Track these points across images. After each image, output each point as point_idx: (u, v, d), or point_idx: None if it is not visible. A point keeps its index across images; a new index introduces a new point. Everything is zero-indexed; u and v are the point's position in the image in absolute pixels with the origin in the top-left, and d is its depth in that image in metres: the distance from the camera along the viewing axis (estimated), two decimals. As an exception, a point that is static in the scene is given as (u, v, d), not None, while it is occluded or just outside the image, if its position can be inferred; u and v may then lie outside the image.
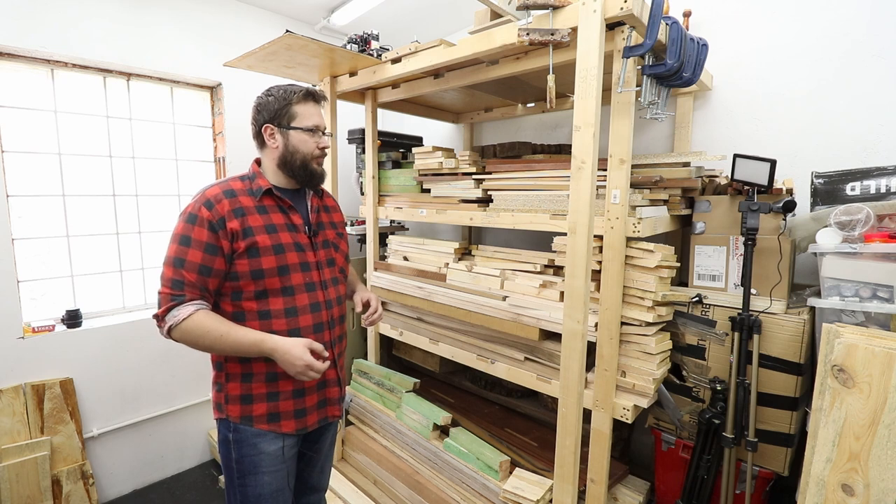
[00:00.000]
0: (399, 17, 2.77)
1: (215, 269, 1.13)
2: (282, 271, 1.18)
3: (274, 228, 1.19)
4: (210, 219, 1.12)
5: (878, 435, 0.92)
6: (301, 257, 1.23)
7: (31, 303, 2.19)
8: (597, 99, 1.27)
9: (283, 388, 1.21)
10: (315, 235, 1.29)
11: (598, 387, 1.48)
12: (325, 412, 1.31)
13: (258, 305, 1.17)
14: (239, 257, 1.14)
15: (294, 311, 1.20)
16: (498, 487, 1.69)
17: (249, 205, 1.18)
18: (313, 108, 1.26)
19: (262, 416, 1.20)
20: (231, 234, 1.13)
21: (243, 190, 1.20)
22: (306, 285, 1.23)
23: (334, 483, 2.16)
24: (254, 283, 1.16)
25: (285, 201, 1.24)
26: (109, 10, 2.20)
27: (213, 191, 1.17)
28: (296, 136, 1.23)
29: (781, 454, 1.49)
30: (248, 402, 1.20)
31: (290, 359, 1.11)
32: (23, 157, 2.12)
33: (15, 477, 1.96)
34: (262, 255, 1.15)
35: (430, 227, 3.12)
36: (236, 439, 1.21)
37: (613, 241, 1.41)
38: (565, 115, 2.43)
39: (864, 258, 1.25)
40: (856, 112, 1.61)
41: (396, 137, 2.65)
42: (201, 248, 1.11)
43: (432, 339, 2.10)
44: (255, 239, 1.15)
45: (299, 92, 1.24)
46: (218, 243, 1.12)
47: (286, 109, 1.22)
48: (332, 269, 1.33)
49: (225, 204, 1.14)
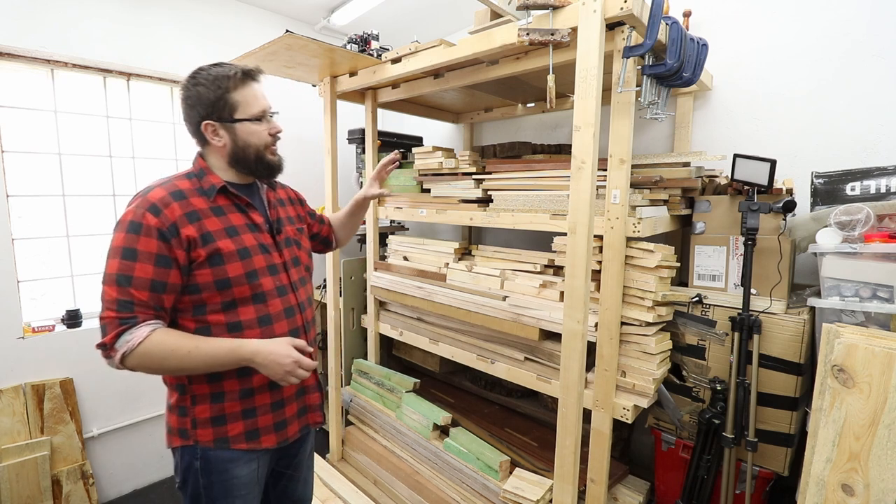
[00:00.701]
0: (399, 17, 2.77)
1: (170, 283, 0.98)
2: (250, 277, 1.06)
3: (235, 231, 1.07)
4: (159, 226, 0.97)
5: (878, 435, 0.92)
6: (268, 259, 1.12)
7: (31, 303, 2.19)
8: (597, 99, 1.27)
9: (261, 401, 1.11)
10: (278, 233, 1.18)
11: (598, 387, 1.48)
12: (305, 420, 1.22)
13: (227, 317, 1.05)
14: (199, 267, 1.01)
15: (268, 319, 1.09)
16: (498, 487, 1.69)
17: (203, 206, 1.04)
18: (255, 90, 1.10)
19: (240, 436, 1.09)
20: (187, 243, 0.99)
21: (192, 190, 1.05)
22: (278, 289, 1.12)
23: (335, 483, 2.16)
24: (220, 293, 1.03)
25: (242, 199, 1.11)
26: (109, 10, 2.20)
27: (157, 193, 1.00)
28: (243, 128, 1.08)
29: (781, 454, 1.49)
30: (222, 423, 1.08)
31: (275, 359, 1.01)
32: (23, 157, 2.12)
33: (15, 477, 1.96)
34: (227, 261, 1.03)
35: (430, 227, 3.12)
36: (205, 468, 1.08)
37: (613, 241, 1.41)
38: (565, 115, 2.43)
39: (864, 258, 1.25)
40: (856, 112, 1.61)
41: (396, 137, 2.65)
42: (151, 261, 0.96)
43: (432, 339, 2.10)
44: (217, 245, 1.02)
45: (234, 75, 1.06)
46: (171, 254, 0.97)
47: (225, 100, 1.06)
48: (299, 269, 1.22)
49: (175, 208, 0.99)
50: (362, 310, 2.55)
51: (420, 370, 2.64)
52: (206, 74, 1.06)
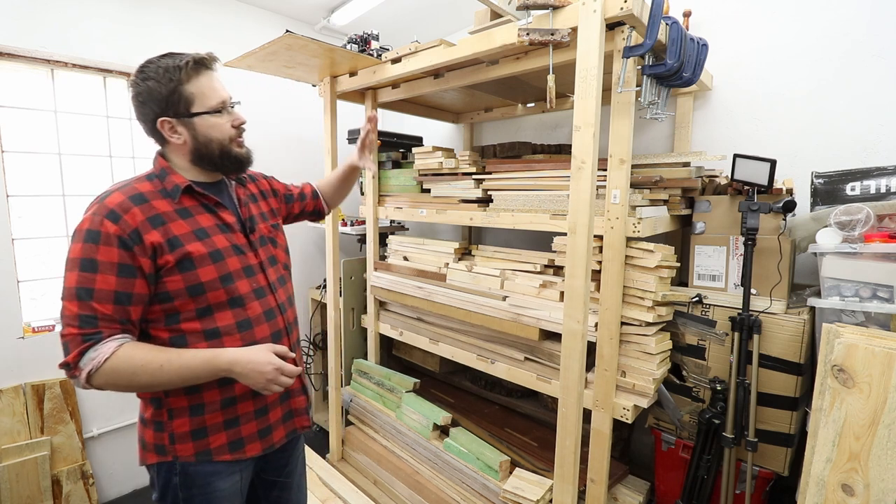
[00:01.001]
0: (399, 17, 2.77)
1: (136, 294, 0.92)
2: (225, 281, 1.01)
3: (205, 233, 1.01)
4: (119, 234, 0.90)
5: (878, 435, 0.92)
6: (243, 261, 1.06)
7: (31, 303, 2.19)
8: (597, 99, 1.27)
9: (244, 410, 1.06)
10: (252, 232, 1.12)
11: (598, 387, 1.48)
12: (292, 424, 1.17)
13: (203, 324, 0.99)
14: (169, 273, 0.95)
15: (248, 324, 1.04)
16: (498, 487, 1.69)
17: (168, 209, 0.98)
18: (211, 80, 1.02)
19: (223, 447, 1.04)
20: (152, 250, 0.93)
21: (154, 192, 0.98)
22: (255, 292, 1.07)
23: (334, 483, 2.16)
24: (193, 300, 0.97)
25: (210, 198, 1.05)
26: (109, 10, 2.20)
27: (115, 198, 0.93)
28: (203, 122, 1.01)
29: (781, 454, 1.49)
30: (203, 435, 1.02)
31: (255, 367, 0.95)
32: (23, 157, 2.12)
33: (15, 477, 1.96)
34: (199, 266, 0.97)
35: (430, 227, 3.12)
36: (184, 483, 1.03)
37: (613, 241, 1.41)
38: (565, 115, 2.43)
39: (864, 258, 1.25)
40: (856, 112, 1.61)
41: (396, 137, 2.65)
42: (113, 272, 0.90)
43: (432, 339, 2.10)
44: (187, 249, 0.96)
45: (185, 65, 0.98)
46: (135, 262, 0.91)
47: (178, 93, 0.98)
48: (277, 268, 1.17)
49: (135, 212, 0.93)
50: (362, 310, 2.55)
51: (420, 370, 2.64)
52: (155, 67, 0.98)
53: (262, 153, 2.75)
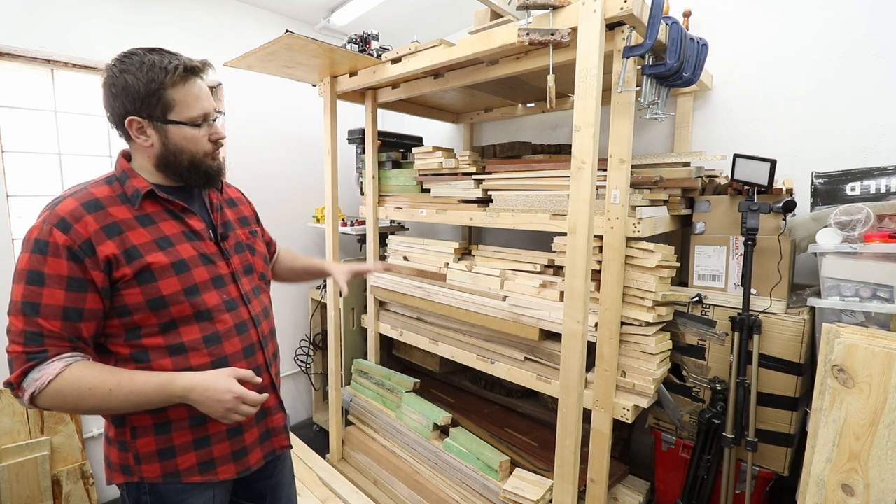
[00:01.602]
0: (399, 17, 2.77)
1: (87, 309, 0.85)
2: (190, 293, 0.93)
3: (168, 241, 0.93)
4: (69, 244, 0.83)
5: (878, 435, 0.92)
6: (212, 271, 0.98)
7: (31, 303, 2.19)
8: (597, 99, 1.27)
9: (215, 429, 0.98)
10: (224, 240, 1.04)
11: (598, 387, 1.48)
12: (270, 445, 1.10)
13: (166, 339, 0.92)
14: (127, 286, 0.87)
15: (216, 338, 0.96)
16: (498, 487, 1.69)
17: (126, 217, 0.90)
18: (197, 89, 0.94)
19: (193, 468, 0.97)
20: (105, 263, 0.85)
21: (112, 197, 0.90)
22: (226, 304, 0.99)
23: (334, 483, 2.16)
24: (154, 314, 0.90)
25: (176, 203, 0.97)
26: (109, 10, 2.20)
27: (67, 205, 0.85)
28: (177, 131, 0.93)
29: (781, 454, 1.49)
30: (170, 455, 0.95)
31: (213, 395, 0.86)
32: (23, 157, 2.12)
33: (15, 477, 1.96)
34: (160, 278, 0.89)
35: (430, 227, 3.12)
36: (155, 501, 0.97)
37: (613, 241, 1.41)
38: (565, 115, 2.43)
39: (864, 258, 1.25)
40: (856, 112, 1.61)
41: (396, 137, 2.65)
42: (62, 286, 0.82)
43: (432, 339, 2.10)
44: (147, 261, 0.88)
45: (173, 69, 0.90)
46: (86, 276, 0.84)
47: (158, 96, 0.90)
48: (252, 278, 1.09)
49: (88, 221, 0.85)
50: (362, 310, 2.55)
51: (420, 370, 2.64)
52: (137, 61, 0.89)
53: (262, 153, 2.77)
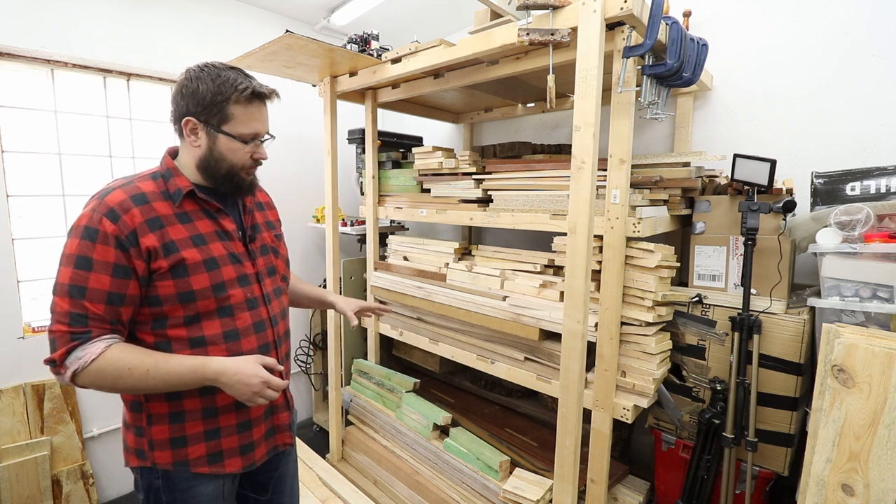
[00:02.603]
0: (399, 17, 2.77)
1: (129, 295, 0.91)
2: (217, 290, 0.99)
3: (202, 240, 0.99)
4: (117, 234, 0.89)
5: (878, 435, 0.92)
6: (238, 270, 1.04)
7: (32, 303, 2.19)
8: (597, 99, 1.27)
9: (225, 422, 1.03)
10: (252, 241, 1.10)
11: (598, 387, 1.48)
12: (273, 441, 1.14)
13: (189, 332, 0.97)
14: (161, 278, 0.93)
15: (235, 335, 1.02)
16: (498, 487, 1.69)
17: (167, 213, 0.96)
18: (257, 112, 1.03)
19: (202, 459, 1.02)
20: (147, 254, 0.92)
21: (156, 193, 0.97)
22: (248, 302, 1.04)
23: (335, 483, 2.16)
24: (182, 307, 0.96)
25: (212, 204, 1.03)
26: (109, 10, 2.20)
27: (116, 196, 0.92)
28: (226, 142, 1.00)
29: (781, 454, 1.49)
30: (182, 444, 1.00)
31: (242, 379, 0.92)
32: (23, 157, 2.12)
33: (15, 477, 1.96)
34: (192, 273, 0.96)
35: (430, 227, 3.12)
36: (167, 486, 1.01)
37: (613, 241, 1.41)
38: (565, 115, 2.43)
39: (864, 258, 1.25)
40: (856, 112, 1.61)
41: (396, 137, 2.65)
42: (108, 272, 0.89)
43: (432, 339, 2.10)
44: (182, 255, 0.95)
45: (242, 89, 0.98)
46: (130, 264, 0.90)
47: (220, 108, 0.98)
48: (274, 280, 1.14)
49: (135, 213, 0.92)
50: (362, 310, 2.55)
51: (420, 370, 2.64)
52: (214, 72, 0.99)
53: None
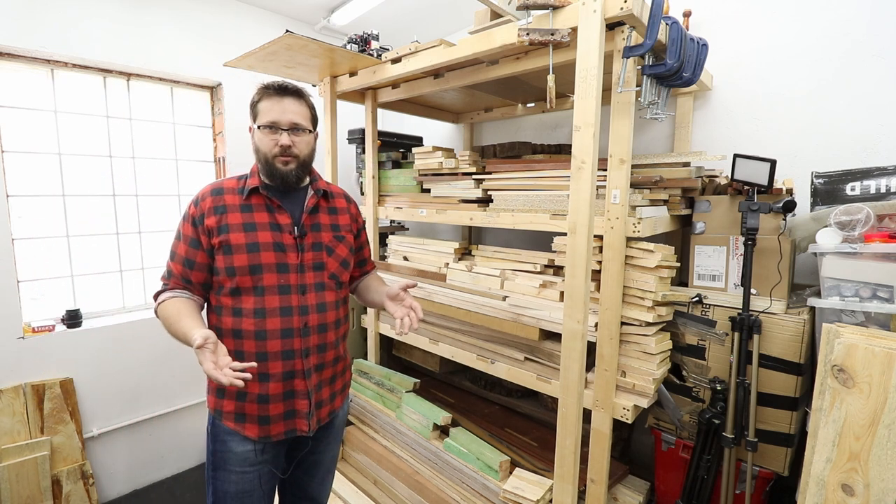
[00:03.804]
0: (399, 17, 2.77)
1: (198, 262, 1.18)
2: (253, 270, 1.16)
3: (253, 227, 1.18)
4: (194, 215, 1.19)
5: (878, 435, 0.92)
6: (279, 258, 1.19)
7: (31, 303, 2.19)
8: (597, 99, 1.27)
9: (250, 389, 1.17)
10: (303, 236, 1.23)
11: (598, 387, 1.48)
12: (292, 424, 1.23)
13: (233, 302, 1.18)
14: (217, 252, 1.17)
15: (262, 313, 1.17)
16: (498, 487, 1.69)
17: (233, 202, 1.19)
18: (273, 104, 1.19)
19: (230, 414, 1.20)
20: (208, 231, 1.17)
21: (233, 188, 1.22)
22: (279, 287, 1.18)
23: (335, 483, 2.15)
24: (229, 279, 1.17)
25: (273, 200, 1.22)
26: (109, 10, 2.20)
27: (205, 189, 1.22)
28: (258, 133, 1.21)
29: (781, 454, 1.49)
30: (221, 395, 1.21)
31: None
32: (23, 157, 2.12)
33: (15, 477, 1.96)
34: (235, 252, 1.16)
35: (430, 227, 3.12)
36: (213, 431, 1.23)
37: (613, 241, 1.41)
38: (565, 115, 2.43)
39: (864, 258, 1.25)
40: (856, 112, 1.61)
41: (396, 137, 2.65)
42: (187, 242, 1.18)
43: (432, 339, 2.10)
44: (229, 237, 1.16)
45: (264, 87, 1.21)
46: (198, 237, 1.17)
47: (255, 107, 1.22)
48: (319, 274, 1.25)
49: (208, 201, 1.19)
50: (362, 310, 2.55)
51: (420, 370, 2.64)
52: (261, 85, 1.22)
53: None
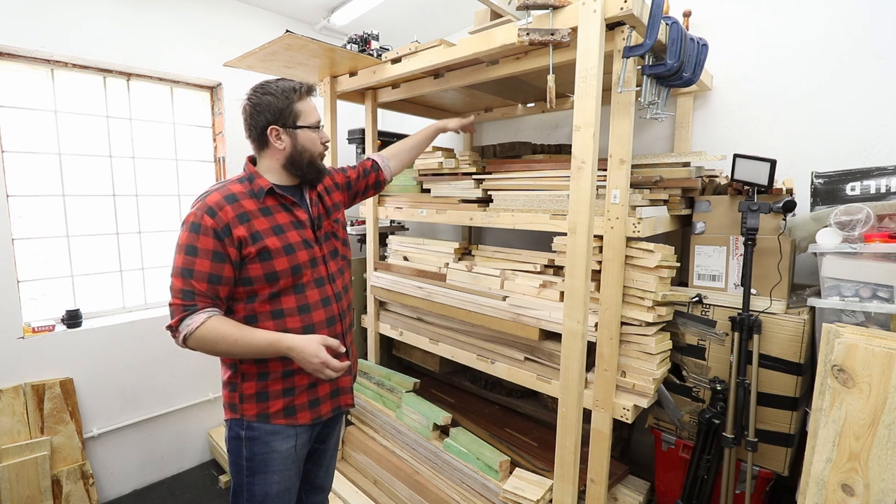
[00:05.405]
0: (399, 17, 2.77)
1: (224, 276, 1.13)
2: (295, 271, 1.20)
3: (281, 229, 1.20)
4: (215, 227, 1.11)
5: (878, 435, 0.92)
6: (310, 254, 1.24)
7: (31, 303, 2.19)
8: (597, 99, 1.27)
9: (299, 382, 1.23)
10: (319, 229, 1.30)
11: (598, 387, 1.48)
12: (337, 401, 1.33)
13: (271, 306, 1.19)
14: (250, 262, 1.15)
15: (307, 308, 1.22)
16: (498, 487, 1.69)
17: (253, 208, 1.17)
18: (308, 104, 1.25)
19: (279, 412, 1.23)
20: (238, 242, 1.13)
21: (244, 192, 1.19)
22: (316, 281, 1.25)
23: (335, 483, 2.15)
24: (268, 285, 1.17)
25: (288, 199, 1.24)
26: (109, 10, 2.20)
27: (213, 197, 1.15)
28: (303, 135, 1.22)
29: (781, 454, 1.49)
30: (265, 399, 1.22)
31: (305, 357, 1.12)
32: (23, 157, 2.12)
33: (15, 477, 1.96)
34: (275, 257, 1.16)
35: (430, 227, 3.12)
36: (250, 437, 1.22)
37: (613, 241, 1.41)
38: (565, 115, 2.43)
39: (864, 258, 1.25)
40: (856, 112, 1.61)
41: (396, 137, 2.65)
42: (208, 257, 1.11)
43: (432, 339, 2.10)
44: (265, 243, 1.15)
45: (300, 89, 1.23)
46: (224, 251, 1.12)
47: (291, 109, 1.20)
48: (337, 260, 1.35)
49: (228, 210, 1.13)
50: (362, 310, 2.55)
51: (420, 370, 2.64)
52: (275, 86, 1.21)
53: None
